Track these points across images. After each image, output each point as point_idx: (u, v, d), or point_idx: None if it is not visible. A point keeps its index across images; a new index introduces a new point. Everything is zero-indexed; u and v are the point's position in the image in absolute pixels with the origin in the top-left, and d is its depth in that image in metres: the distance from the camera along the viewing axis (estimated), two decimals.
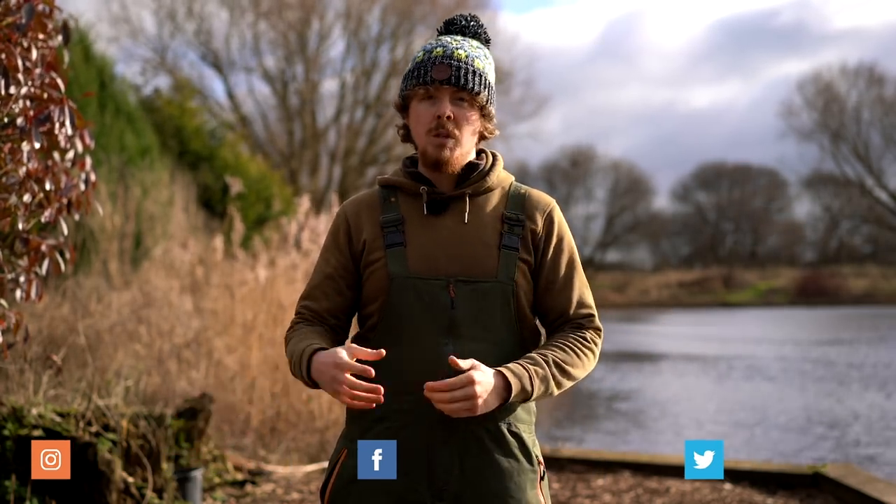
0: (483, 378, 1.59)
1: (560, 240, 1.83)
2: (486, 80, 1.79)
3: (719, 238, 54.20)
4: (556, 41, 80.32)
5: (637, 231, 52.44)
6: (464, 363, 1.59)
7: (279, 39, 28.40)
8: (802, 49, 72.70)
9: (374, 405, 1.60)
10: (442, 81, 1.73)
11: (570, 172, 50.67)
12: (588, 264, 48.79)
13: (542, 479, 1.78)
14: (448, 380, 1.57)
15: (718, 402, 10.37)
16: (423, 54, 1.78)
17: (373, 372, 1.57)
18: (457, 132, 1.76)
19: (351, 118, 28.78)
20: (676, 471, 5.40)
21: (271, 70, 28.88)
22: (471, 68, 1.76)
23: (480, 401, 1.58)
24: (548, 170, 50.42)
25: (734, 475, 5.23)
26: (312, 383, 1.67)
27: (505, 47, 29.84)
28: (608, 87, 79.14)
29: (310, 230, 7.44)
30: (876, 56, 68.09)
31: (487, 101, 1.79)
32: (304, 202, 8.06)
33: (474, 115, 1.78)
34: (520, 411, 1.76)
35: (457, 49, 1.77)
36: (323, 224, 7.53)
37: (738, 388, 11.69)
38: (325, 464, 5.63)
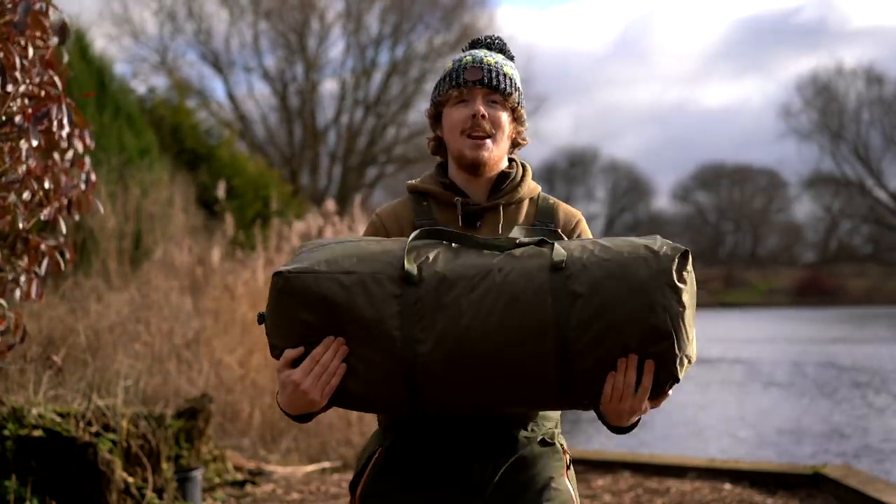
0: None
1: None
2: (516, 83, 1.83)
3: (719, 238, 54.23)
4: (573, 39, 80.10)
5: (637, 231, 52.36)
6: None
7: (279, 39, 28.41)
8: (822, 47, 72.11)
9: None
10: (475, 82, 1.77)
11: (570, 172, 50.72)
12: None
13: (568, 467, 1.79)
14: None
15: (719, 403, 10.36)
16: (453, 64, 1.84)
17: None
18: (493, 131, 1.79)
19: (351, 118, 28.79)
20: (676, 471, 5.40)
21: (271, 70, 28.90)
22: (501, 72, 1.81)
23: None
24: (548, 170, 50.49)
25: (734, 475, 5.23)
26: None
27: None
28: (624, 85, 78.98)
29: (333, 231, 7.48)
30: (891, 55, 67.33)
31: (518, 104, 1.83)
32: (329, 205, 8.09)
33: (507, 117, 1.82)
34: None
35: (486, 56, 1.82)
36: (330, 232, 7.55)
37: (739, 389, 11.68)
38: (326, 464, 5.63)
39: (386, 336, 1.50)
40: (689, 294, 1.50)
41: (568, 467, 1.78)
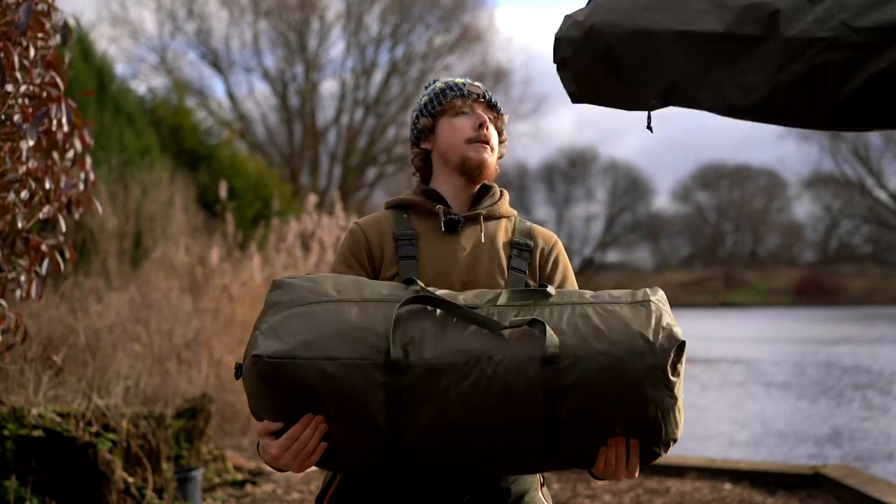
0: None
1: (564, 273, 1.86)
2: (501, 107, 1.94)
3: (719, 238, 54.20)
4: None
5: (637, 231, 52.44)
6: None
7: (279, 39, 28.43)
8: None
9: None
10: (478, 95, 1.87)
11: (570, 172, 50.70)
12: (588, 264, 48.82)
13: (542, 485, 1.79)
14: None
15: (719, 403, 10.37)
16: (444, 83, 1.91)
17: None
18: (492, 142, 1.87)
19: (351, 118, 28.80)
20: (676, 471, 5.40)
21: (271, 70, 28.91)
22: (491, 93, 1.92)
23: None
24: (548, 170, 50.45)
25: (734, 475, 5.23)
26: None
27: (502, 45, 29.90)
28: None
29: (325, 228, 7.48)
30: None
31: (503, 128, 1.93)
32: (311, 201, 8.10)
33: (496, 136, 1.91)
34: None
35: (473, 81, 1.92)
36: (331, 228, 7.55)
37: (739, 389, 11.69)
38: None
39: (370, 423, 1.48)
40: (680, 383, 1.52)
41: (542, 484, 1.78)
